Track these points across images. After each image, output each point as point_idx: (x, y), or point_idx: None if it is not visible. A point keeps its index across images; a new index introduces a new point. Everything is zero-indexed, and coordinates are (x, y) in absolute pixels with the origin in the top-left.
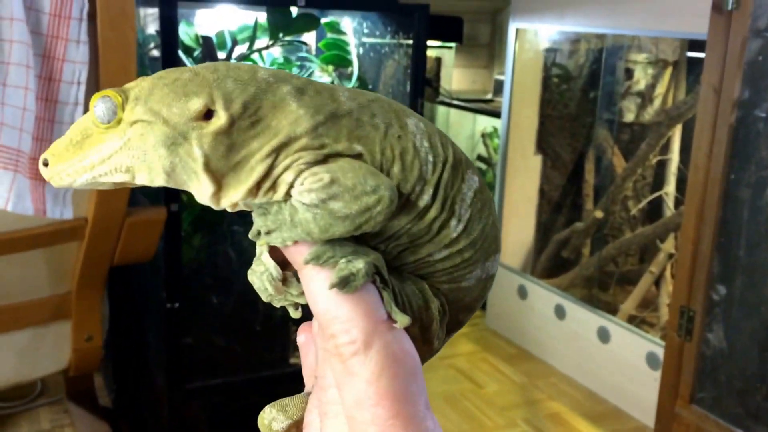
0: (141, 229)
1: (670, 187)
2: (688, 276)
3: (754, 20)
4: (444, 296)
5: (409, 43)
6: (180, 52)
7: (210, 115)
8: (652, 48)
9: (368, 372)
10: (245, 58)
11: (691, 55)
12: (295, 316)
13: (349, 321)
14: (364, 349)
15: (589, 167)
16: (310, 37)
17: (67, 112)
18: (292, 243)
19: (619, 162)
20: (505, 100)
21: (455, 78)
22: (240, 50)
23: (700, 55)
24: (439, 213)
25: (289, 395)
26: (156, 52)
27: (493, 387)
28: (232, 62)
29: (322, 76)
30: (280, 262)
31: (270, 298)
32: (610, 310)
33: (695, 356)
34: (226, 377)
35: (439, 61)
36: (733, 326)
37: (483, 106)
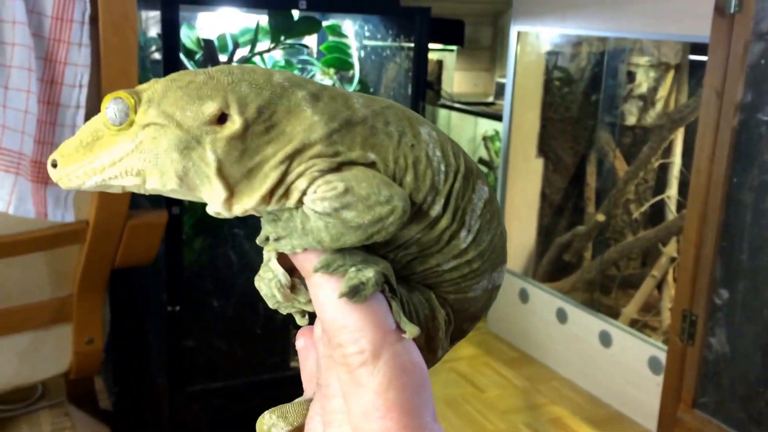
0: (142, 232)
1: (672, 191)
2: (691, 280)
3: (757, 23)
4: (450, 306)
5: (411, 46)
6: (181, 55)
7: (224, 119)
8: (654, 51)
9: (376, 383)
10: (247, 61)
11: (694, 58)
12: (302, 323)
13: (358, 331)
14: (372, 360)
15: (591, 170)
16: (311, 40)
17: (68, 115)
18: (302, 250)
19: (621, 165)
20: (506, 103)
21: (457, 81)
22: (241, 53)
23: (703, 58)
24: (450, 223)
25: (290, 398)
26: (157, 55)
27: (495, 391)
28: (247, 65)
29: (323, 79)
30: (287, 269)
31: (277, 305)
32: (612, 314)
33: (698, 361)
34: (227, 380)
35: (440, 64)
36: (736, 330)
37: (484, 109)
